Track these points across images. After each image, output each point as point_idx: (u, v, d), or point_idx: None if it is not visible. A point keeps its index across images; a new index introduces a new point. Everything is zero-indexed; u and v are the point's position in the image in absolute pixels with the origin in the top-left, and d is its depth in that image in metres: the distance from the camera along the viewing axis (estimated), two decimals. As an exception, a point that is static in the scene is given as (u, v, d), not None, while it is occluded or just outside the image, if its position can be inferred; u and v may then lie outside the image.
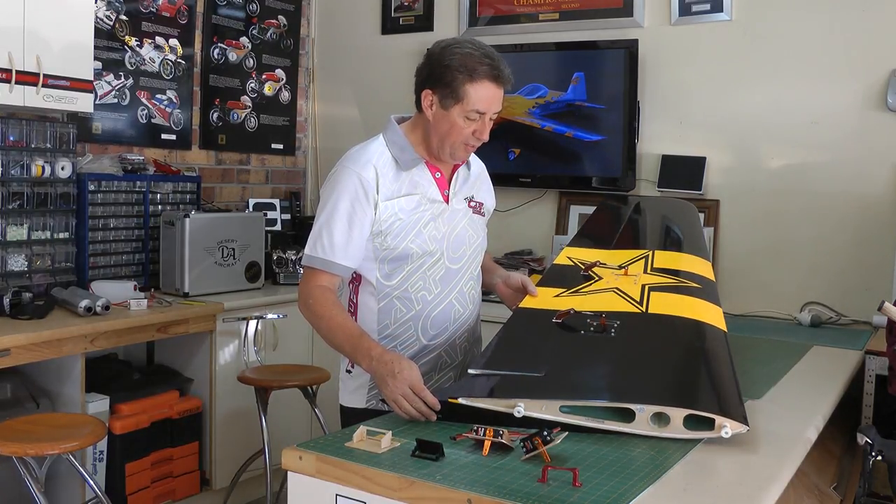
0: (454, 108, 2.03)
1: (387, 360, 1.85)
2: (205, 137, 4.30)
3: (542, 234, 4.19)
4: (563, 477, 1.43)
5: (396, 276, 2.10)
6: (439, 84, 2.04)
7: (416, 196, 2.10)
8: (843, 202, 3.48)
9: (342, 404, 2.21)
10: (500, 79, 2.04)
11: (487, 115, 2.06)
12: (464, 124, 2.04)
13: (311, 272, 2.08)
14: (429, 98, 2.07)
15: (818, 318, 3.33)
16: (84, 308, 3.09)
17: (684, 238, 2.65)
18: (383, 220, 2.05)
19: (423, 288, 2.12)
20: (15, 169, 3.26)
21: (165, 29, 4.04)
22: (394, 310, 2.12)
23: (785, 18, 3.59)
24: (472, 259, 2.22)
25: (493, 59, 2.03)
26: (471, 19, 4.37)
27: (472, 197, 2.23)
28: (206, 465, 3.66)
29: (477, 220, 2.23)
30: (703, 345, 1.96)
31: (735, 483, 1.52)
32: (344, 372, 2.22)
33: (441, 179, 2.16)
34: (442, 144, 2.09)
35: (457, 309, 2.18)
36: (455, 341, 2.19)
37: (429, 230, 2.10)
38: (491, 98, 2.04)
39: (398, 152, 2.11)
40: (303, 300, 2.08)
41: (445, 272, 2.14)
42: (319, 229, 2.07)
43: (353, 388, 2.17)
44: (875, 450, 1.96)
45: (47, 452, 2.57)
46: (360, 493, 1.48)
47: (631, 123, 3.83)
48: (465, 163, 2.21)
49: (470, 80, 2.01)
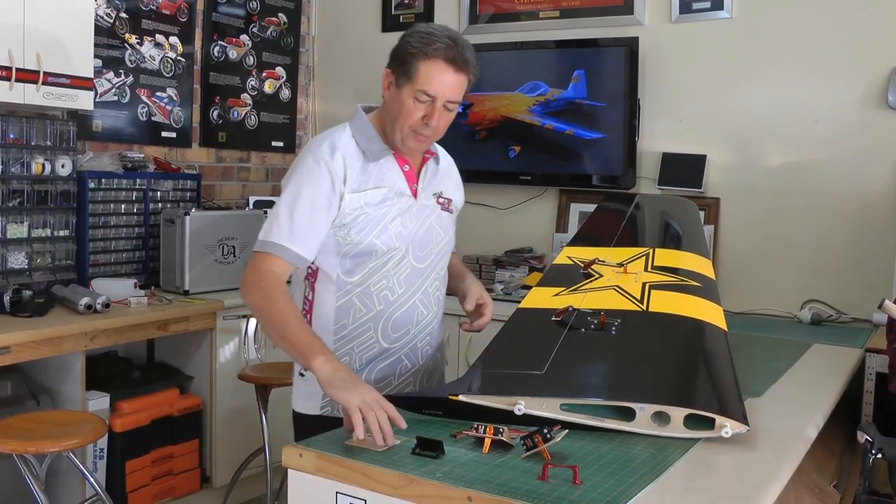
0: (405, 87, 1.91)
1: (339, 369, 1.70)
2: (205, 135, 4.30)
3: (542, 232, 4.19)
4: (563, 475, 1.43)
5: (358, 272, 1.98)
6: (396, 62, 1.93)
7: (384, 189, 1.98)
8: (844, 200, 3.48)
9: (295, 410, 2.08)
10: (457, 62, 1.88)
11: (439, 101, 1.90)
12: (412, 106, 1.90)
13: (263, 256, 1.89)
14: (387, 78, 1.96)
15: (818, 316, 3.33)
16: (84, 306, 3.09)
17: (684, 236, 2.65)
18: (348, 212, 1.93)
19: (387, 287, 1.99)
20: (15, 167, 3.26)
21: (166, 26, 4.04)
22: (353, 308, 1.99)
23: (785, 16, 3.58)
24: (439, 258, 2.10)
25: (457, 42, 1.89)
26: (471, 17, 4.37)
27: (441, 193, 2.12)
28: (207, 462, 3.66)
29: (445, 218, 2.12)
30: (703, 344, 1.96)
31: (735, 481, 1.52)
32: (297, 375, 2.08)
33: (409, 173, 2.04)
34: (392, 128, 1.96)
35: (420, 311, 2.06)
36: (417, 345, 2.07)
37: (395, 226, 1.98)
38: (444, 81, 1.89)
39: (365, 142, 1.99)
40: (252, 283, 1.86)
41: (410, 271, 2.02)
42: (277, 213, 1.92)
43: (308, 394, 2.03)
44: (875, 448, 1.96)
45: (48, 450, 2.57)
46: (361, 491, 1.48)
47: (631, 121, 3.83)
48: (434, 156, 2.10)
49: (423, 57, 1.87)
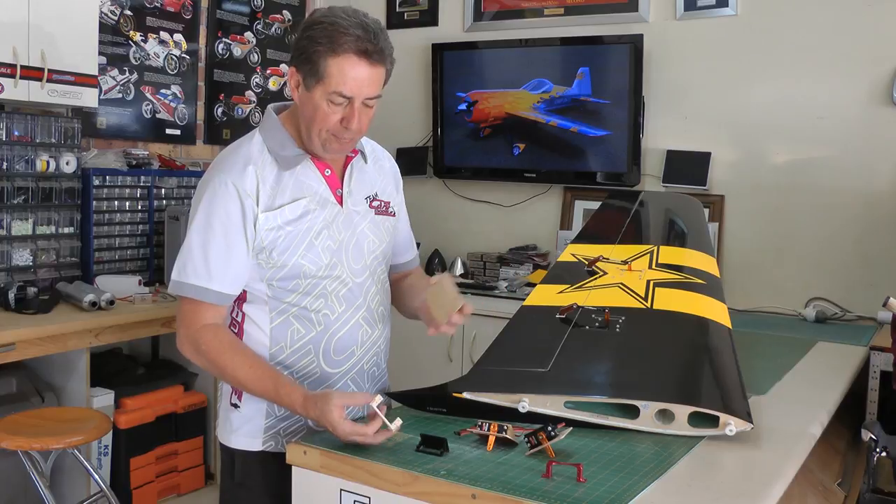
0: (317, 89, 1.67)
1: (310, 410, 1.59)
2: (209, 132, 4.30)
3: (546, 230, 4.19)
4: (567, 472, 1.43)
5: (290, 294, 1.76)
6: (301, 59, 1.68)
7: (303, 200, 1.75)
8: (849, 198, 3.47)
9: (227, 445, 1.84)
10: (371, 54, 1.64)
11: (357, 100, 1.67)
12: (328, 109, 1.67)
13: (190, 306, 1.72)
14: (294, 77, 1.72)
15: (823, 314, 3.32)
16: (89, 303, 3.10)
17: (689, 233, 2.65)
18: (265, 234, 1.71)
19: (325, 306, 1.77)
20: (20, 164, 3.26)
21: (170, 24, 4.04)
22: (290, 330, 1.77)
23: (790, 13, 3.58)
24: (376, 269, 1.87)
25: (368, 30, 1.64)
26: (476, 14, 4.37)
27: (375, 195, 1.88)
28: (211, 459, 3.66)
29: (381, 223, 1.87)
30: (707, 341, 1.96)
31: (739, 479, 1.52)
32: (228, 405, 1.83)
33: (332, 177, 1.80)
34: (309, 134, 1.73)
35: (365, 330, 1.83)
36: (363, 367, 1.85)
37: (322, 241, 1.75)
38: (359, 78, 1.65)
39: (278, 148, 1.76)
40: (190, 345, 1.72)
41: (349, 288, 1.80)
42: (190, 248, 1.72)
43: (248, 431, 1.80)
44: (879, 446, 1.96)
45: (52, 447, 2.58)
46: (365, 488, 1.48)
47: (636, 118, 3.83)
48: (359, 154, 1.86)
49: (332, 54, 1.63)
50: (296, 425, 1.80)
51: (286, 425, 1.80)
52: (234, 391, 1.81)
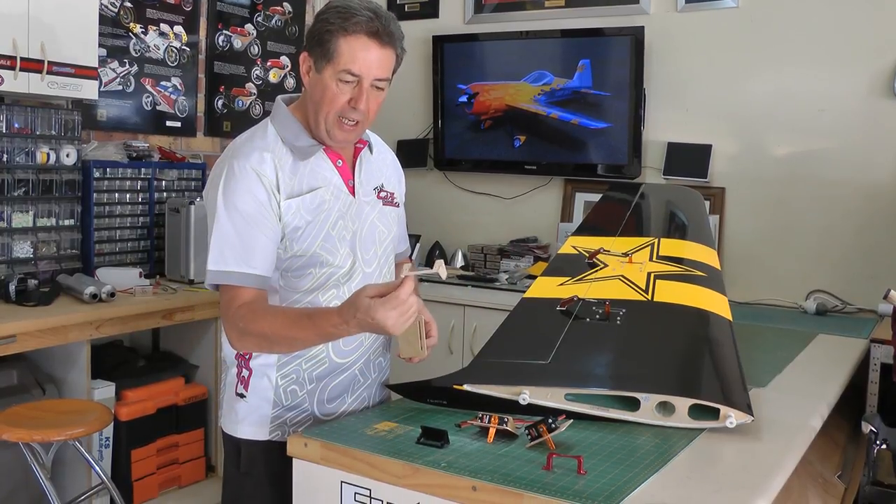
0: (327, 69, 1.70)
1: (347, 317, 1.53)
2: (210, 124, 4.29)
3: (547, 222, 4.19)
4: (567, 464, 1.43)
5: (304, 284, 1.78)
6: (314, 42, 1.72)
7: (321, 190, 1.77)
8: (849, 190, 3.47)
9: (232, 435, 1.83)
10: (381, 35, 1.69)
11: (366, 81, 1.71)
12: (337, 89, 1.70)
13: (232, 293, 1.70)
14: (306, 62, 1.75)
15: (823, 307, 3.32)
16: (89, 295, 3.10)
17: (690, 226, 2.65)
18: (287, 222, 1.73)
19: (337, 297, 1.79)
20: (20, 156, 3.26)
21: (170, 16, 4.03)
22: None
23: (791, 5, 3.57)
24: (385, 259, 1.91)
25: (377, 13, 1.70)
26: (476, 6, 4.36)
27: (382, 186, 1.92)
28: (212, 451, 3.67)
29: (388, 213, 1.92)
30: (708, 334, 1.96)
31: (739, 471, 1.52)
32: (233, 395, 1.84)
33: (344, 168, 1.83)
34: (317, 117, 1.75)
35: None
36: (370, 357, 1.89)
37: (338, 230, 1.79)
38: (369, 58, 1.69)
39: (292, 139, 1.78)
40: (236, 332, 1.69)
41: (361, 277, 1.82)
42: (222, 235, 1.71)
43: (253, 420, 1.81)
44: (879, 438, 1.97)
45: (53, 439, 2.58)
46: (365, 480, 1.48)
47: (637, 111, 3.82)
48: (367, 145, 1.89)
49: (343, 33, 1.67)
50: (302, 415, 1.82)
51: (292, 415, 1.81)
52: (238, 381, 1.82)
